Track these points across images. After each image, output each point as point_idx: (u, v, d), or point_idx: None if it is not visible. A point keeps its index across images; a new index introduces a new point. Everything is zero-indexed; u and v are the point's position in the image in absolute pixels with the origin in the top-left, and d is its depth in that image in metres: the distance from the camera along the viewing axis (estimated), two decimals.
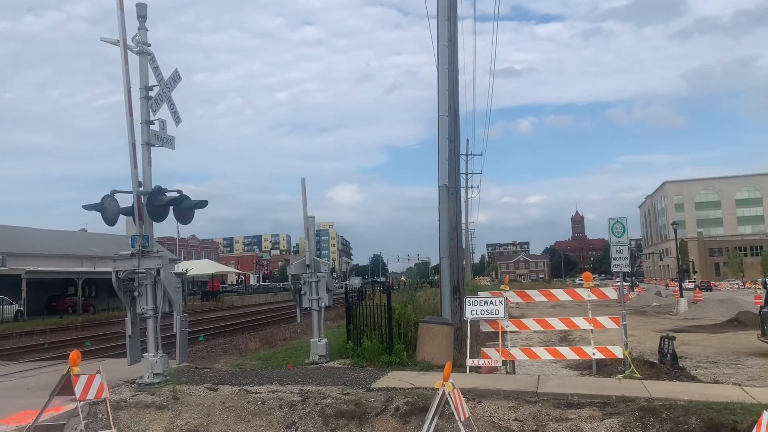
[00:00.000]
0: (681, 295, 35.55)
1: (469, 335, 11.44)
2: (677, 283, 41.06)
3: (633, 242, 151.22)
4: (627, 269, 12.25)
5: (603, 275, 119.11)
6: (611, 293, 12.09)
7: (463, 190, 56.01)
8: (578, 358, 12.16)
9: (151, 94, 10.50)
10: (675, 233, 53.69)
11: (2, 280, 43.31)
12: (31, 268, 43.63)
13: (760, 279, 69.42)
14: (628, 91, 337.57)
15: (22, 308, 40.65)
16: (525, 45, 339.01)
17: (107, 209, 10.13)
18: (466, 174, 61.32)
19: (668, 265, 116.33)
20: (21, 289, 40.69)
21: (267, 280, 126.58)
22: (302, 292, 13.13)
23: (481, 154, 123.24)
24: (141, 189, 10.23)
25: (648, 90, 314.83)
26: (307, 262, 13.05)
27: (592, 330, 11.44)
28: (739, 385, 10.35)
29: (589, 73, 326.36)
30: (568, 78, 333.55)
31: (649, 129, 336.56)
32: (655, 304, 40.27)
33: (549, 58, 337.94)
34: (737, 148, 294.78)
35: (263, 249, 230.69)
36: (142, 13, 10.48)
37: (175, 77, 10.92)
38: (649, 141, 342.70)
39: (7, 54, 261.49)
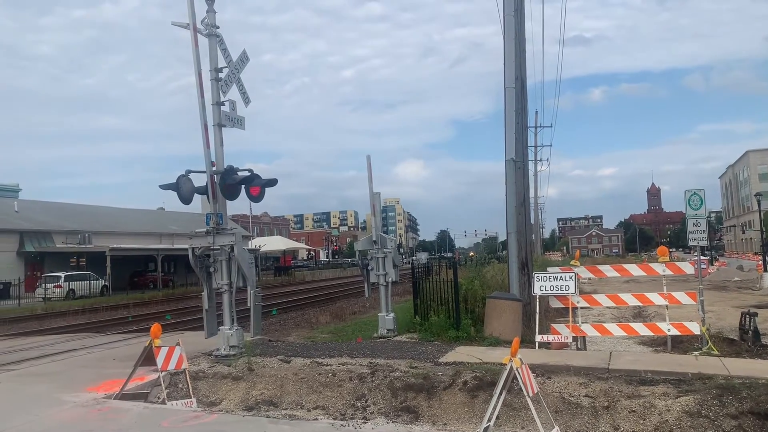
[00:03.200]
0: (765, 270, 33.83)
1: (537, 311, 11.31)
2: (761, 257, 39.11)
3: (712, 215, 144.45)
4: (705, 243, 11.76)
5: (681, 249, 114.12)
6: (688, 268, 11.64)
7: (531, 164, 55.12)
8: (652, 334, 11.80)
9: (221, 75, 10.76)
10: (759, 204, 51.18)
11: (88, 256, 45.97)
12: (115, 245, 45.93)
13: None
14: (706, 57, 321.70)
15: (107, 283, 42.93)
16: (596, 12, 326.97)
17: (182, 188, 10.46)
18: (535, 147, 59.99)
19: (751, 239, 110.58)
20: (106, 266, 42.92)
21: (336, 256, 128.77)
22: (369, 268, 13.28)
23: (551, 126, 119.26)
24: (214, 168, 10.53)
25: (728, 54, 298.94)
26: (374, 238, 13.17)
27: (667, 306, 11.09)
28: None
29: (665, 38, 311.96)
30: (642, 45, 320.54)
31: (729, 96, 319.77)
32: (736, 279, 38.44)
33: (621, 24, 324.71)
34: None
35: (332, 225, 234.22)
36: None
37: (243, 58, 11.13)
38: (730, 108, 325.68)
39: (87, 41, 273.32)
